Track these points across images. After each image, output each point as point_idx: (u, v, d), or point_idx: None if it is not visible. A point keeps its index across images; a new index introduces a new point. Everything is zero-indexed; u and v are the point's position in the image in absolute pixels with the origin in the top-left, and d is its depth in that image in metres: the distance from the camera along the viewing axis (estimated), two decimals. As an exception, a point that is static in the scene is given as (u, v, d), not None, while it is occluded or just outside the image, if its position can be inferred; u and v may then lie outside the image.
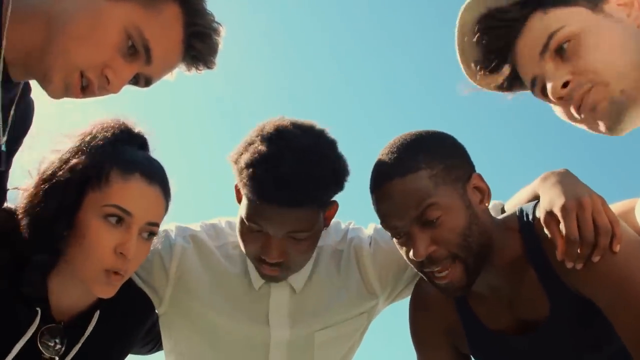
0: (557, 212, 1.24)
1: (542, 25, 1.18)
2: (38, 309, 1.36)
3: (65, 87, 1.15)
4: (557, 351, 1.34)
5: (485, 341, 1.45)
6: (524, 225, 1.35)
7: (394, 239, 1.38)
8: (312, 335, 1.66)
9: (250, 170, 1.36)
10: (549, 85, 1.17)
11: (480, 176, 1.38)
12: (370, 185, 1.39)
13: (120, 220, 1.32)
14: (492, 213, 1.42)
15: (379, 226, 1.44)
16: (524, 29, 1.21)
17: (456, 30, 1.30)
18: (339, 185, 1.47)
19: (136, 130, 1.47)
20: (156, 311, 1.66)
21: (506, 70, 1.27)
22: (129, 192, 1.33)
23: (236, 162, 1.42)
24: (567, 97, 1.16)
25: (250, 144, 1.41)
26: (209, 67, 1.32)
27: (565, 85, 1.15)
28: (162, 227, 1.57)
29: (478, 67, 1.30)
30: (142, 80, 1.24)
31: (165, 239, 1.65)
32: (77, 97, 1.19)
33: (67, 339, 1.40)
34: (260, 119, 1.48)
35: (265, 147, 1.37)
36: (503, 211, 1.53)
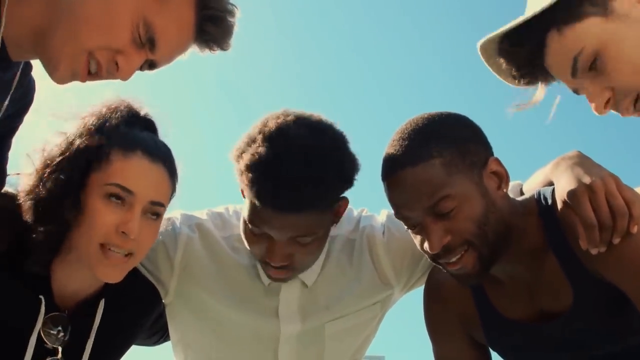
0: (569, 200, 1.20)
1: (562, 48, 1.16)
2: (41, 296, 1.33)
3: (72, 74, 1.12)
4: (580, 341, 1.29)
5: (503, 331, 1.40)
6: (543, 209, 1.30)
7: (408, 228, 1.33)
8: (322, 327, 1.61)
9: (250, 173, 1.31)
10: (592, 105, 1.18)
11: (497, 160, 1.32)
12: (382, 173, 1.34)
13: (122, 199, 1.29)
14: (511, 195, 1.37)
15: (392, 212, 1.39)
16: (546, 51, 1.18)
17: (480, 55, 1.27)
18: (347, 184, 1.41)
19: (142, 113, 1.44)
20: (163, 301, 1.62)
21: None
22: (130, 170, 1.30)
23: (237, 161, 1.37)
24: (613, 110, 1.18)
25: (252, 142, 1.35)
26: (223, 49, 1.27)
27: (607, 101, 1.16)
28: (168, 214, 1.54)
29: (516, 81, 1.29)
30: (145, 65, 1.20)
31: (170, 228, 1.61)
32: (83, 81, 1.15)
33: (72, 328, 1.36)
34: (269, 103, 1.44)
35: (265, 148, 1.31)
36: (522, 193, 1.48)
